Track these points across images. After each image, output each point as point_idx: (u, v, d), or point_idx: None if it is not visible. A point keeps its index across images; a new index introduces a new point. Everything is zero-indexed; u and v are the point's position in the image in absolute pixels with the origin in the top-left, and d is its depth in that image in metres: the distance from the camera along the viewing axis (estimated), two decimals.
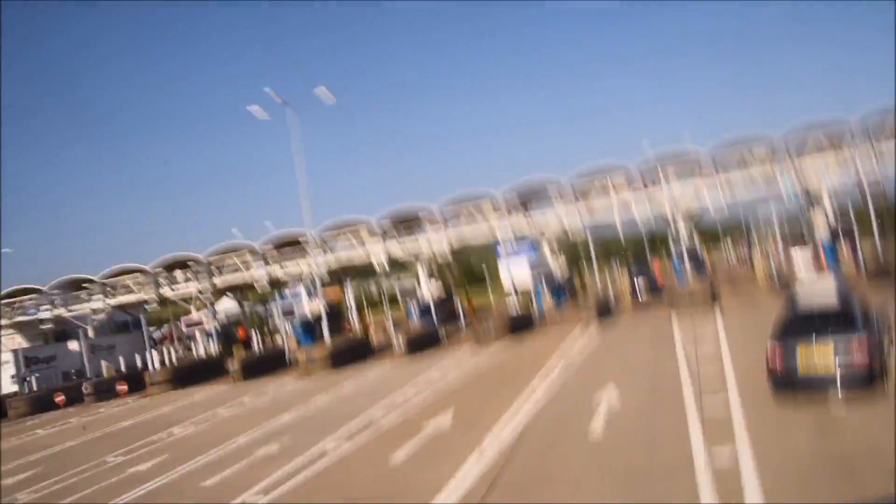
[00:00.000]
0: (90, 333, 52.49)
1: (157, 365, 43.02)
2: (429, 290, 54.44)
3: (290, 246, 55.96)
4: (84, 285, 58.22)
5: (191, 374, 41.25)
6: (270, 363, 40.36)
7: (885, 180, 53.42)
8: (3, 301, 57.87)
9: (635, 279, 45.68)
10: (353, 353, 37.86)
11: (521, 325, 37.09)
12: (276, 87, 36.04)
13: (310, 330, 50.96)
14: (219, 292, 60.59)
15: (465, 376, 25.04)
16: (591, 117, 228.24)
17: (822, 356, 12.89)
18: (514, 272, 56.65)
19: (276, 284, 60.61)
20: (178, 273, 60.80)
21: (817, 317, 13.66)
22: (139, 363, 45.18)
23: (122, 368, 45.22)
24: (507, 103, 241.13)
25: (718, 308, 30.60)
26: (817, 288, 15.32)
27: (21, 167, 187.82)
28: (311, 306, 57.99)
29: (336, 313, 54.86)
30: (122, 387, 41.64)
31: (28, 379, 44.20)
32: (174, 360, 47.31)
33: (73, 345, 49.43)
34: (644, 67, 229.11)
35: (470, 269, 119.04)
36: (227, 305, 70.81)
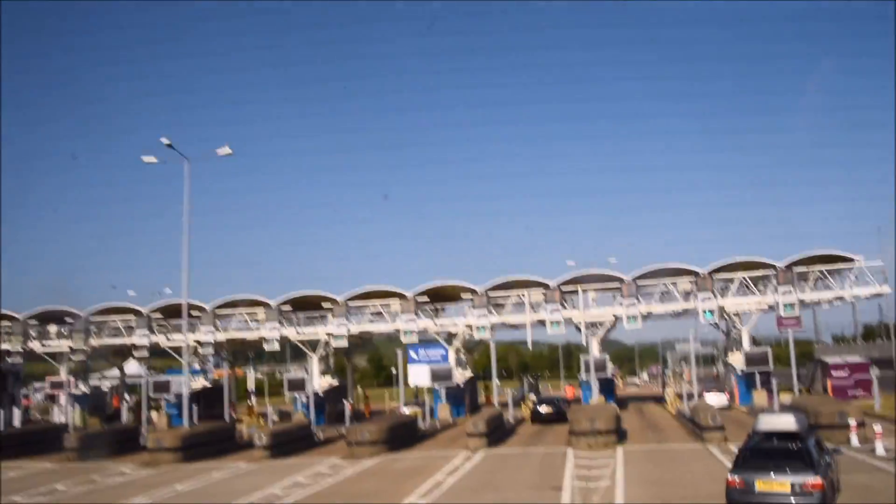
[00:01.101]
0: None
1: None
2: (319, 382, 50.00)
3: (179, 317, 51.11)
4: None
5: (22, 444, 35.65)
6: (120, 443, 34.96)
7: (806, 329, 52.44)
8: None
9: (537, 405, 42.16)
10: (214, 443, 33.13)
11: (405, 437, 32.93)
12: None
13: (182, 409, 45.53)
14: (94, 353, 54.91)
15: (309, 498, 20.84)
16: (511, 232, 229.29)
17: (780, 494, 13.52)
18: (418, 377, 52.86)
19: (159, 353, 55.31)
20: (53, 327, 55.22)
21: (777, 454, 14.40)
22: None
23: None
24: (424, 201, 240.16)
25: (622, 451, 27.05)
26: (778, 425, 15.80)
27: None
28: (195, 383, 52.70)
29: (218, 395, 49.85)
30: None
31: None
32: (14, 424, 41.62)
33: None
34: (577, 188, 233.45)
35: (376, 367, 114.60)
36: (133, 370, 64.77)
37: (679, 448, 27.94)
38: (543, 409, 40.88)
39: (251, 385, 71.29)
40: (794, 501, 13.44)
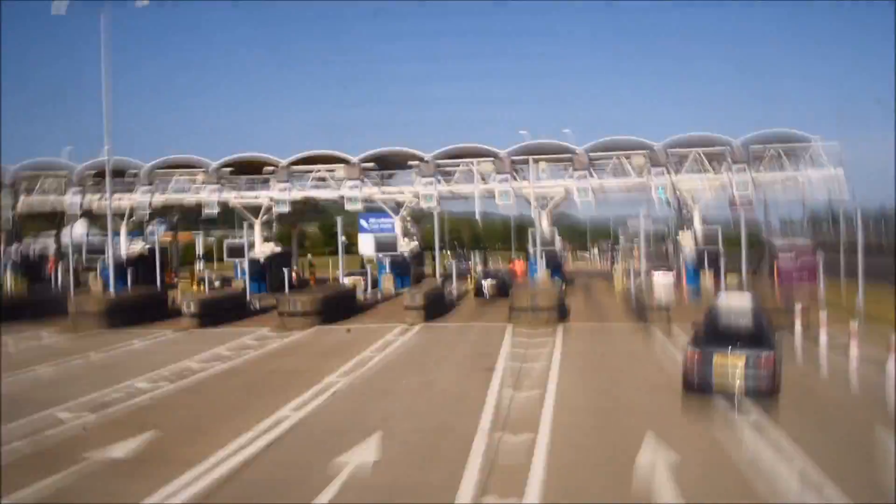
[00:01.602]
0: None
1: None
2: (261, 248, 48.38)
3: (117, 177, 48.35)
4: None
5: None
6: (44, 306, 33.12)
7: (759, 209, 51.78)
8: None
9: (481, 280, 41.13)
10: (141, 310, 31.60)
11: (342, 308, 31.74)
12: None
13: (121, 275, 43.71)
14: (20, 217, 52.14)
15: (225, 373, 19.58)
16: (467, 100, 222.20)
17: (734, 367, 14.23)
18: (366, 246, 51.43)
19: (91, 217, 52.76)
20: None
21: (734, 331, 15.39)
22: None
23: None
24: (378, 55, 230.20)
25: (562, 329, 26.17)
26: (735, 304, 16.99)
27: None
28: (131, 248, 50.68)
29: (154, 260, 48.22)
30: None
31: None
32: None
33: None
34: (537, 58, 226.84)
35: (327, 235, 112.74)
36: (78, 234, 61.98)
37: (621, 327, 27.21)
38: (487, 283, 39.91)
39: (199, 250, 69.42)
40: (747, 373, 14.31)
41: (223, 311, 31.21)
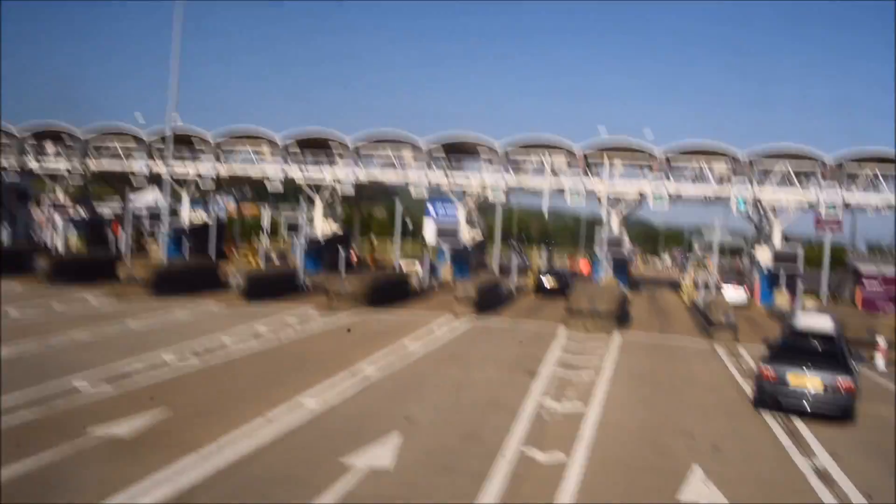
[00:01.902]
0: None
1: None
2: (321, 227, 47.90)
3: (183, 144, 48.47)
4: None
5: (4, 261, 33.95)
6: (96, 270, 33.09)
7: (848, 231, 48.60)
8: None
9: (541, 276, 39.67)
10: (192, 280, 31.20)
11: (394, 294, 30.81)
12: None
13: (180, 244, 43.84)
14: (94, 178, 52.83)
15: (256, 352, 18.74)
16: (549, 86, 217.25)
17: (809, 387, 13.99)
18: (431, 234, 50.41)
19: (159, 184, 53.09)
20: (51, 147, 52.79)
21: (811, 350, 14.98)
22: None
23: None
24: (456, 46, 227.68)
25: (619, 336, 24.63)
26: (814, 324, 16.55)
27: None
28: (193, 217, 50.78)
29: (220, 232, 48.20)
30: None
31: None
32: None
33: None
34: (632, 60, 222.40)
35: (392, 217, 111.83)
36: (150, 201, 62.85)
37: (682, 343, 25.47)
38: (548, 281, 38.44)
39: (266, 224, 69.57)
40: (824, 399, 14.00)
41: (273, 286, 30.62)
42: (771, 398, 14.46)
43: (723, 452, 12.15)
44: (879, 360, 22.79)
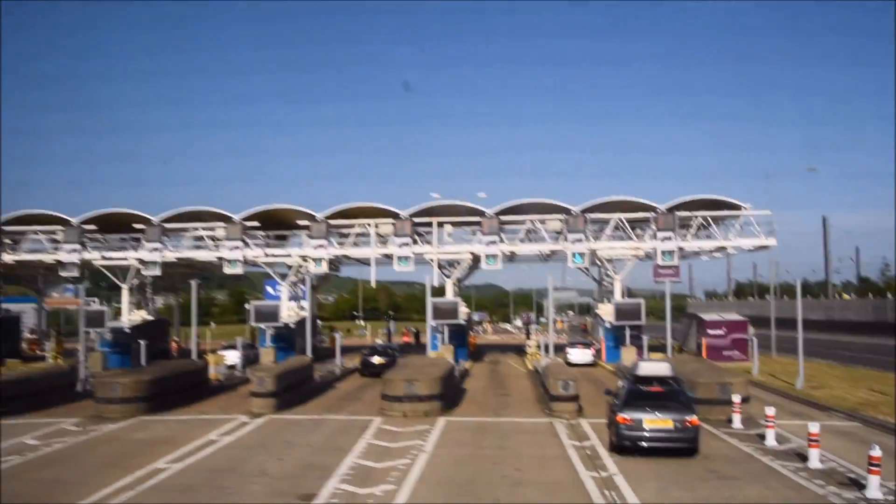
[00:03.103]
0: None
1: None
2: (127, 315, 42.28)
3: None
4: None
5: None
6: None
7: (686, 279, 47.63)
8: None
9: (366, 355, 35.86)
10: None
11: (183, 390, 25.74)
12: None
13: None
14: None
15: None
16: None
17: (665, 426, 15.85)
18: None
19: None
20: None
21: (656, 395, 16.60)
22: None
23: None
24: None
25: (443, 425, 20.83)
26: (654, 368, 18.36)
27: None
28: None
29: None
30: None
31: None
32: None
33: None
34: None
35: (237, 302, 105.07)
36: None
37: (518, 423, 21.76)
38: (376, 359, 34.52)
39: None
40: (677, 437, 15.88)
41: (25, 395, 24.45)
42: (631, 441, 15.93)
43: None
44: (736, 420, 20.24)
